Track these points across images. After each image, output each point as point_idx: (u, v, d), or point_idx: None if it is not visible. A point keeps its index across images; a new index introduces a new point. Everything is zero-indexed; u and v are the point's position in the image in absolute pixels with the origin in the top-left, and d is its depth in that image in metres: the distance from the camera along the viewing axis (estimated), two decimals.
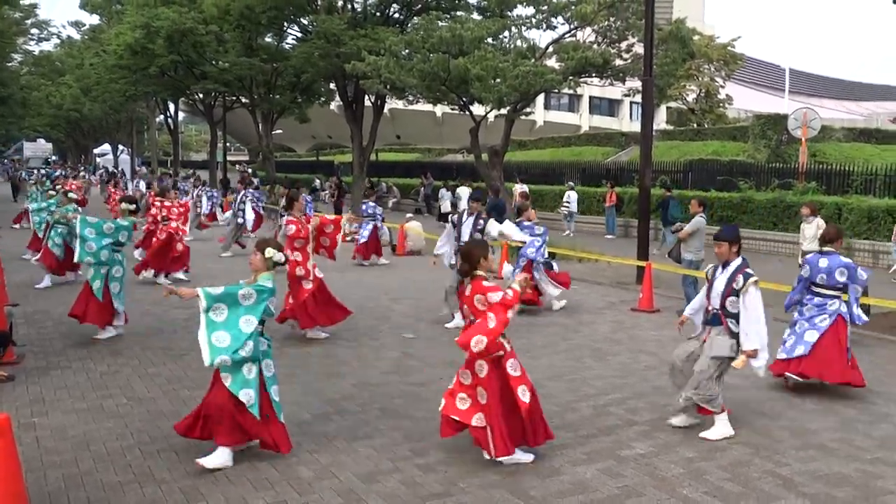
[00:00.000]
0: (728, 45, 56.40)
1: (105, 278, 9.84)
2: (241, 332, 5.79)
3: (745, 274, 6.57)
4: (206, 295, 5.80)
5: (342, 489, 5.52)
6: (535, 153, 46.77)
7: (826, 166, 24.70)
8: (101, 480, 5.65)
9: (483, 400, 5.88)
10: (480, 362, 5.87)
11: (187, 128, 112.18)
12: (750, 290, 6.51)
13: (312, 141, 78.98)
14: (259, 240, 6.43)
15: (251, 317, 5.87)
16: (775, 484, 5.68)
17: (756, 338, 6.46)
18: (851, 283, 8.20)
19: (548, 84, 19.57)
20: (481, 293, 5.86)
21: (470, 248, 6.22)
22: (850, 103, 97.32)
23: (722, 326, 6.60)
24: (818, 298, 8.27)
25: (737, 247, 6.76)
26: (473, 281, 5.97)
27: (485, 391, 5.86)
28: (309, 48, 29.21)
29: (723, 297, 6.59)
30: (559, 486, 5.60)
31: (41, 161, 74.37)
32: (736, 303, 6.54)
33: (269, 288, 6.03)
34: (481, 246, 6.29)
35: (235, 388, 5.79)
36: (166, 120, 54.74)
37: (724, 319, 6.59)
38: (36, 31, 54.65)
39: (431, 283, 14.45)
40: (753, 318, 6.47)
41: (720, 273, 6.75)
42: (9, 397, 7.52)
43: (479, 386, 5.90)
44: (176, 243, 14.83)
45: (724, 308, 6.59)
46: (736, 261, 6.70)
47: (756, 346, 6.46)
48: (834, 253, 8.31)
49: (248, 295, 5.89)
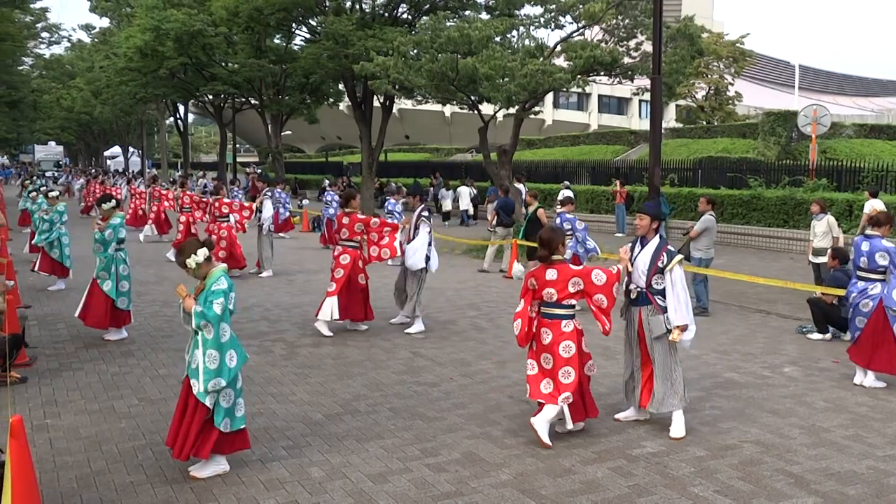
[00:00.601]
0: (737, 43, 56.31)
1: (115, 279, 9.91)
2: (224, 345, 5.62)
3: (668, 252, 6.68)
4: (195, 313, 5.56)
5: (353, 489, 5.54)
6: (545, 152, 46.71)
7: (836, 163, 24.57)
8: (114, 481, 5.68)
9: (570, 379, 6.35)
10: (568, 343, 6.37)
11: (197, 129, 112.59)
12: (675, 267, 6.61)
13: (322, 142, 79.09)
14: (186, 243, 5.86)
15: (225, 325, 5.66)
16: (787, 482, 5.67)
17: (685, 312, 6.57)
18: (893, 266, 8.20)
19: (556, 83, 19.54)
20: (578, 276, 6.39)
21: (550, 234, 6.51)
22: (861, 99, 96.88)
23: (651, 305, 6.68)
24: (861, 283, 8.41)
25: (657, 224, 6.84)
26: (557, 265, 6.42)
27: (573, 370, 6.35)
28: (317, 49, 29.26)
29: (648, 275, 6.66)
30: (570, 486, 5.60)
31: (52, 164, 74.82)
32: (661, 280, 6.64)
33: (223, 290, 5.61)
34: (560, 232, 6.66)
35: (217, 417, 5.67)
36: (176, 122, 54.89)
37: (651, 297, 6.67)
38: (46, 34, 54.82)
39: (441, 282, 14.47)
40: (682, 294, 6.59)
41: (639, 251, 6.79)
42: (22, 398, 7.57)
43: (566, 366, 6.35)
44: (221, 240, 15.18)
45: (651, 287, 6.67)
46: (655, 239, 6.78)
47: (686, 321, 6.58)
48: (877, 236, 8.34)
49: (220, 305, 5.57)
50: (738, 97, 59.96)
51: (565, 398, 6.31)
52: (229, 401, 5.70)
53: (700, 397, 7.74)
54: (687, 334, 6.65)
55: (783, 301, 12.94)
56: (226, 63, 36.55)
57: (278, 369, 8.72)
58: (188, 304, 5.61)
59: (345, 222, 10.51)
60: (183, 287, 5.73)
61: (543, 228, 6.95)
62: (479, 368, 8.80)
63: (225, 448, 5.77)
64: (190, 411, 5.63)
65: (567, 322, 6.43)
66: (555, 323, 6.44)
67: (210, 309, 5.53)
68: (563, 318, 6.44)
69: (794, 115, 29.72)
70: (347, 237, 10.52)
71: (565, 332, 6.40)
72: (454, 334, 10.55)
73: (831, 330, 10.42)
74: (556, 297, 6.38)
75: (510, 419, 7.04)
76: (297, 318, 11.56)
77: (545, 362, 6.46)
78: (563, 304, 6.41)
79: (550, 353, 6.41)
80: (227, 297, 5.62)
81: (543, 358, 6.48)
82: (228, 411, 5.70)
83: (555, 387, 6.36)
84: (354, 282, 10.46)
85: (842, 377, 8.50)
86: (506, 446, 6.36)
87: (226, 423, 5.67)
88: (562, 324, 6.42)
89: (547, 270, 6.42)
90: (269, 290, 13.98)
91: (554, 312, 6.45)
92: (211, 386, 5.52)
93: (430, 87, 21.47)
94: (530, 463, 6.02)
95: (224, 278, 5.70)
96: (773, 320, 11.74)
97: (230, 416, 5.71)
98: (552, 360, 6.41)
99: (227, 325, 5.66)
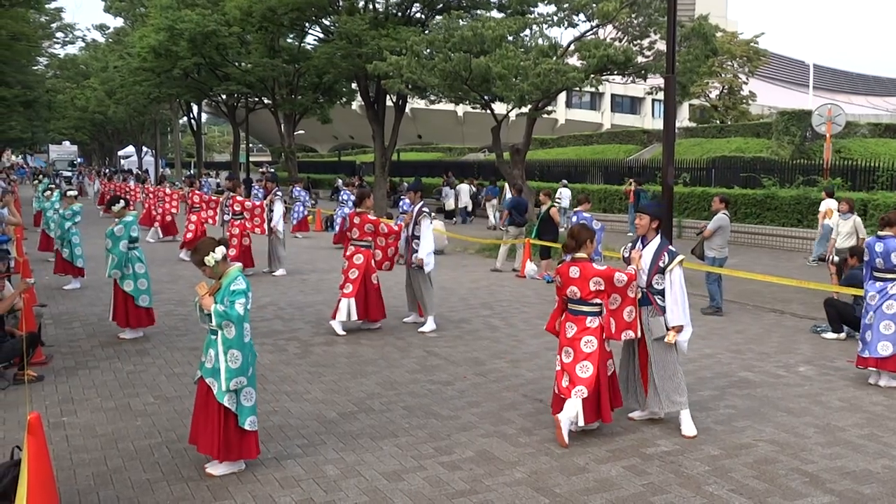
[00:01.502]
0: (751, 42, 56.11)
1: (134, 278, 9.95)
2: (246, 345, 5.64)
3: (669, 252, 6.67)
4: (216, 312, 5.54)
5: (368, 487, 5.56)
6: (557, 151, 46.67)
7: (851, 162, 24.47)
8: (130, 478, 5.71)
9: (587, 373, 6.35)
10: (590, 338, 6.42)
11: (210, 129, 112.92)
12: (676, 268, 6.60)
13: (334, 141, 79.25)
14: (205, 240, 5.87)
15: (247, 325, 5.68)
16: (802, 481, 5.65)
17: (683, 313, 6.58)
18: None
19: (569, 82, 19.54)
20: (599, 276, 6.38)
21: (580, 229, 6.61)
22: (876, 99, 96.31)
23: (652, 306, 6.66)
24: (879, 283, 8.37)
25: (657, 223, 6.80)
26: (580, 263, 6.46)
27: (591, 365, 6.36)
28: (331, 49, 29.32)
29: (649, 275, 6.65)
30: (584, 484, 5.60)
31: (67, 164, 75.19)
32: (662, 280, 6.63)
33: (243, 290, 5.61)
34: (589, 230, 6.66)
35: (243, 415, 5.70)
36: (189, 121, 55.05)
37: (651, 298, 6.65)
38: (61, 34, 55.06)
39: (453, 281, 14.48)
40: (679, 295, 6.58)
41: (640, 251, 6.78)
42: (38, 396, 7.62)
43: (585, 360, 6.38)
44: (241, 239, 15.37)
45: (651, 286, 6.65)
46: (656, 239, 6.77)
47: (682, 322, 6.57)
48: (891, 237, 8.30)
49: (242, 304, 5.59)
50: (752, 96, 59.70)
51: (579, 391, 6.31)
52: (251, 399, 5.71)
53: (714, 396, 7.72)
54: (683, 335, 6.65)
55: (798, 301, 12.88)
56: (239, 63, 36.65)
57: (292, 368, 8.75)
58: (207, 302, 5.57)
59: (356, 222, 10.51)
60: (204, 284, 5.72)
61: (575, 224, 7.00)
62: (492, 367, 8.81)
63: (253, 451, 5.79)
64: (213, 414, 5.62)
65: (592, 318, 6.47)
66: (580, 319, 6.50)
67: (233, 308, 5.52)
68: (589, 314, 6.48)
69: (808, 115, 29.59)
70: (358, 237, 10.53)
71: (589, 328, 6.45)
72: (467, 333, 10.56)
73: (846, 329, 10.37)
74: (579, 294, 6.44)
75: (524, 417, 7.04)
76: (311, 316, 11.59)
77: (566, 356, 6.51)
78: (588, 301, 6.45)
79: (572, 346, 6.47)
80: (247, 296, 5.63)
81: (565, 351, 6.53)
82: (252, 409, 5.72)
83: (571, 380, 6.40)
84: (369, 281, 10.49)
85: (857, 376, 8.46)
86: (520, 444, 6.36)
87: (251, 421, 5.69)
88: (587, 320, 6.48)
89: (570, 268, 6.49)
90: (283, 289, 14.03)
91: (580, 309, 6.51)
92: (233, 385, 5.55)
93: (443, 86, 21.50)
94: (544, 461, 6.02)
95: (241, 278, 5.70)
96: (788, 320, 11.69)
97: (254, 413, 5.74)
98: (572, 354, 6.46)
99: (248, 325, 5.68)
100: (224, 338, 5.56)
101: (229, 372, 5.54)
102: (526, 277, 15.57)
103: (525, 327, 10.95)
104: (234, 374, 5.55)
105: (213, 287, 5.72)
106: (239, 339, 5.58)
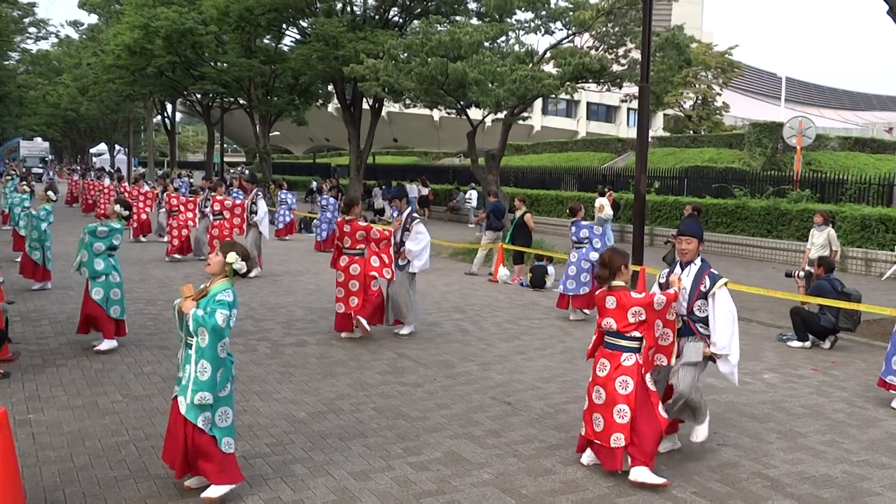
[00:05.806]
0: (726, 53, 56.69)
1: (107, 287, 9.31)
2: (220, 360, 5.28)
3: (711, 275, 6.15)
4: (194, 316, 5.22)
5: (336, 487, 5.58)
6: (532, 158, 46.89)
7: (820, 175, 24.82)
8: (97, 476, 5.69)
9: (624, 419, 5.69)
10: (625, 378, 5.73)
11: (184, 128, 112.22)
12: (720, 291, 6.09)
13: (310, 143, 79.04)
14: (226, 242, 5.68)
15: (227, 339, 5.34)
16: (763, 485, 5.75)
17: (727, 339, 6.07)
18: None
19: (545, 89, 19.69)
20: (639, 306, 5.73)
21: (612, 255, 5.95)
22: (847, 113, 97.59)
23: (694, 335, 6.18)
24: None
25: (702, 246, 6.25)
26: (617, 292, 5.82)
27: (628, 409, 5.69)
28: (307, 50, 29.33)
29: (690, 301, 6.15)
30: (551, 486, 5.66)
31: (38, 160, 74.36)
32: (704, 306, 6.12)
33: (229, 302, 5.28)
34: (622, 254, 5.99)
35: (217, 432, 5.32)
36: (163, 120, 54.73)
37: (693, 326, 6.17)
38: (34, 29, 54.55)
39: (428, 285, 14.51)
40: (727, 320, 6.07)
41: (679, 274, 6.25)
42: (4, 393, 7.56)
43: (621, 403, 5.69)
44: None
45: (692, 313, 6.16)
46: (696, 261, 6.25)
47: (724, 350, 6.10)
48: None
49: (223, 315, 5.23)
50: (726, 107, 60.38)
51: (617, 439, 5.70)
52: (226, 420, 5.36)
53: None
54: (727, 366, 6.21)
55: (765, 309, 13.06)
56: (215, 62, 36.54)
57: (262, 368, 8.74)
58: (187, 305, 5.25)
59: (346, 230, 10.24)
60: (191, 286, 5.40)
61: (606, 249, 6.34)
62: (462, 370, 8.86)
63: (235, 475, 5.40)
64: (190, 437, 5.27)
65: (629, 356, 5.76)
66: (615, 355, 5.82)
67: (212, 316, 5.16)
68: (625, 350, 5.78)
69: (780, 127, 30.02)
70: (350, 245, 10.23)
71: (623, 366, 5.75)
72: (438, 336, 10.60)
73: (811, 338, 10.53)
74: (615, 326, 5.77)
75: (492, 420, 7.09)
76: (282, 317, 11.58)
77: (596, 396, 5.85)
78: (625, 334, 5.77)
79: (605, 387, 5.79)
80: (230, 310, 5.27)
81: (596, 391, 5.86)
82: (229, 430, 5.36)
83: (606, 426, 5.76)
84: (369, 288, 10.27)
85: (820, 384, 8.61)
86: (487, 446, 6.41)
87: (227, 442, 5.32)
88: (622, 357, 5.78)
89: (607, 298, 5.85)
90: (255, 289, 13.99)
91: (616, 343, 5.84)
92: (197, 399, 5.17)
93: (419, 90, 21.57)
94: (511, 463, 6.07)
95: (231, 291, 5.36)
96: (755, 328, 11.85)
97: (230, 434, 5.37)
98: (603, 395, 5.80)
99: (227, 340, 5.33)
100: (197, 346, 5.21)
101: (196, 384, 5.18)
102: (499, 282, 15.64)
103: (496, 331, 11.02)
104: (201, 388, 5.17)
105: (199, 293, 5.39)
106: (212, 351, 5.20)
